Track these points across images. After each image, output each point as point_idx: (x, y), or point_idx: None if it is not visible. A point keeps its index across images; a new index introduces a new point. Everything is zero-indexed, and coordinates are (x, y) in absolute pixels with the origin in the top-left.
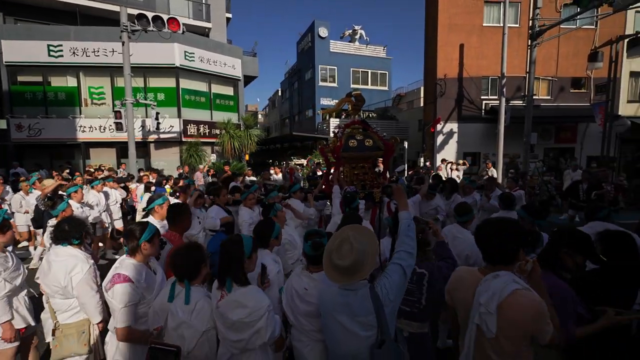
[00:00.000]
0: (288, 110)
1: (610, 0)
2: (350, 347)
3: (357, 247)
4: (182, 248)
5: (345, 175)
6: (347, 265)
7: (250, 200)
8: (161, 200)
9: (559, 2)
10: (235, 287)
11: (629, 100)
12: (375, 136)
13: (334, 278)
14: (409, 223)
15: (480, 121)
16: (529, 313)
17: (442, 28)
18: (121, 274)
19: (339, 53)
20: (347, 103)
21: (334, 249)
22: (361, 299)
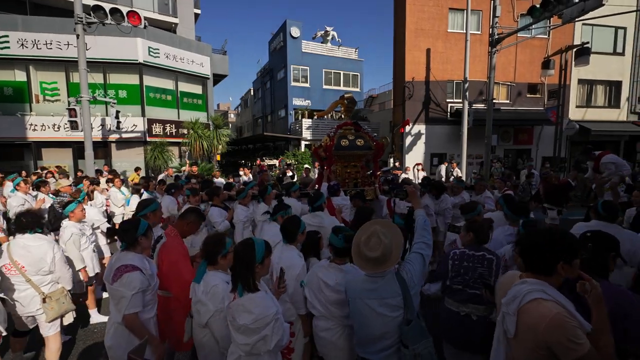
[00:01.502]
0: (261, 110)
1: (560, 12)
2: (379, 327)
3: (385, 240)
4: (210, 236)
5: (338, 173)
6: (376, 256)
7: (247, 198)
8: (154, 205)
9: (516, 12)
10: (245, 292)
11: (578, 105)
12: (366, 136)
13: (364, 267)
14: (424, 219)
15: (446, 123)
16: (543, 322)
17: (409, 32)
18: (128, 265)
19: (311, 53)
20: (339, 105)
21: (362, 242)
22: (389, 283)
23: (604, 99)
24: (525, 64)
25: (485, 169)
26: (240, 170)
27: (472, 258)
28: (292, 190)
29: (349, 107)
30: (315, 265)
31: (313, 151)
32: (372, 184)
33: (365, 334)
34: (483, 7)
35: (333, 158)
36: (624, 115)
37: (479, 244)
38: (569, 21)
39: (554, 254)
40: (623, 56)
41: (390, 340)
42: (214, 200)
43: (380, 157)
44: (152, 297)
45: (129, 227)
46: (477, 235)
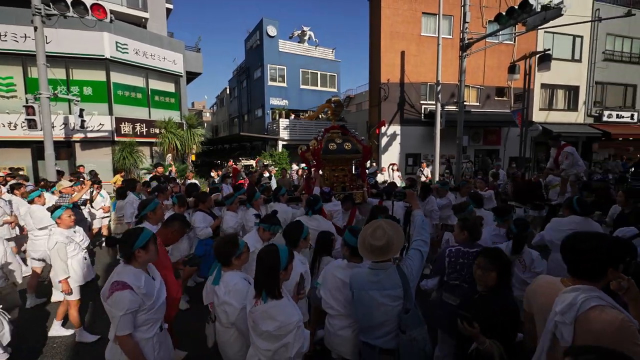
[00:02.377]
0: (237, 109)
1: (524, 20)
2: (381, 316)
3: (389, 232)
4: (223, 237)
5: (326, 177)
6: (380, 245)
7: (235, 204)
8: (153, 204)
9: (484, 19)
10: (269, 298)
11: (541, 108)
12: (353, 140)
13: (369, 256)
14: (423, 219)
15: (420, 124)
16: (609, 329)
17: (384, 35)
18: (119, 282)
19: (288, 53)
20: (327, 108)
21: (369, 234)
22: (390, 276)
23: (564, 102)
24: (494, 68)
25: (457, 169)
26: (212, 172)
27: (467, 255)
28: (280, 194)
29: (336, 110)
30: (331, 265)
31: (300, 155)
32: (361, 187)
33: (369, 322)
34: (454, 13)
35: (321, 162)
36: (582, 118)
37: (472, 241)
38: (532, 29)
39: (608, 260)
40: (580, 63)
41: (390, 327)
42: (199, 206)
43: (368, 161)
44: (151, 315)
45: (125, 239)
46: (470, 233)
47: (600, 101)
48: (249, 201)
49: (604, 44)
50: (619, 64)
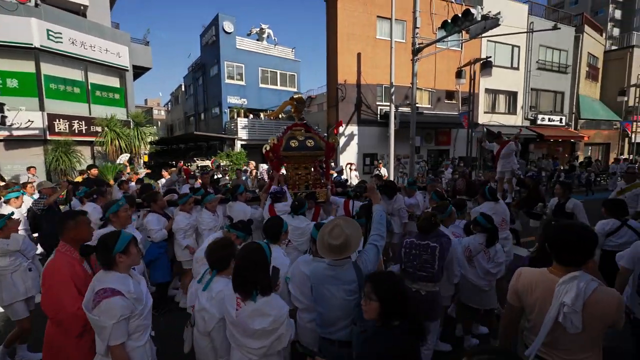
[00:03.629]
0: (193, 107)
1: (467, 28)
2: (338, 309)
3: (346, 231)
4: (219, 242)
5: (289, 176)
6: (338, 244)
7: (190, 204)
8: (115, 207)
9: (434, 26)
10: (259, 296)
11: (485, 111)
12: (316, 137)
13: (327, 254)
14: (381, 214)
15: (377, 125)
16: (614, 306)
17: (341, 36)
18: (107, 288)
19: (246, 51)
20: (289, 106)
21: (327, 232)
22: (347, 271)
23: (505, 106)
24: (444, 72)
25: (410, 168)
26: (163, 172)
27: (418, 247)
28: (239, 192)
29: (299, 107)
30: (298, 260)
31: (265, 154)
32: (324, 185)
33: (327, 316)
34: (407, 18)
35: (281, 159)
36: (520, 121)
37: (423, 234)
38: (475, 37)
39: (593, 249)
40: (518, 70)
41: (347, 321)
42: (151, 207)
43: (332, 158)
44: (142, 321)
45: (103, 245)
46: (421, 227)
47: (535, 106)
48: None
49: (538, 54)
50: (550, 73)
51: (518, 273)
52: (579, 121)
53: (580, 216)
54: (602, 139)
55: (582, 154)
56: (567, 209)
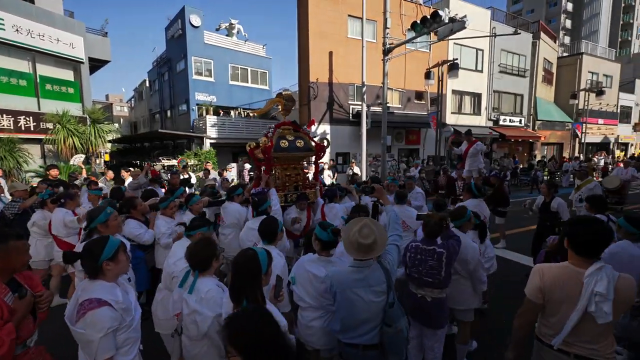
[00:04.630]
0: (158, 104)
1: (435, 30)
2: (366, 312)
3: (375, 230)
4: (199, 242)
5: (277, 176)
6: (369, 243)
7: (172, 208)
8: (103, 216)
9: (404, 27)
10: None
11: (452, 112)
12: (306, 137)
13: (354, 253)
14: (395, 214)
15: (349, 124)
16: (633, 290)
17: (312, 34)
18: (93, 299)
19: (215, 46)
20: (277, 103)
21: (357, 231)
22: (375, 272)
23: (471, 107)
24: (413, 73)
25: (382, 167)
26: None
27: (424, 252)
28: (235, 194)
29: (287, 105)
30: (302, 260)
31: (249, 152)
32: (314, 186)
33: (352, 320)
34: (377, 19)
35: (272, 161)
36: (484, 121)
37: (429, 238)
38: (443, 39)
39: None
40: (482, 73)
41: (375, 322)
42: (130, 213)
43: (321, 159)
44: (131, 334)
45: (88, 252)
46: (430, 232)
47: (498, 107)
48: (187, 204)
49: (499, 58)
50: (511, 76)
51: (539, 271)
52: (536, 122)
53: (563, 215)
54: (556, 139)
55: (539, 153)
56: (552, 207)
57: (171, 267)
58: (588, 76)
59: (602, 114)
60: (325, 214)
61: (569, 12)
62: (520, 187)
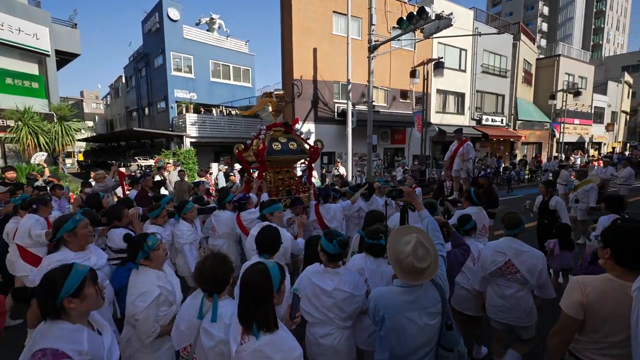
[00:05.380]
0: (135, 101)
1: (421, 27)
2: (421, 338)
3: (430, 248)
4: (209, 259)
5: (269, 180)
6: (426, 266)
7: (163, 217)
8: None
9: (389, 25)
10: (262, 332)
11: (437, 111)
12: (299, 139)
13: (406, 277)
14: (433, 220)
15: (334, 123)
16: None
17: (296, 30)
18: (47, 350)
19: (195, 41)
20: (268, 103)
21: (410, 252)
22: (428, 292)
23: (454, 106)
24: (398, 71)
25: (368, 167)
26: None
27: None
28: (227, 201)
29: (279, 105)
30: (308, 271)
31: (237, 155)
32: (307, 190)
33: (405, 347)
34: (362, 15)
35: (265, 164)
36: (467, 121)
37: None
38: (429, 36)
39: None
40: (465, 73)
41: (429, 347)
42: (113, 225)
43: (315, 162)
44: None
45: (42, 288)
46: None
47: (480, 107)
48: (179, 212)
49: (482, 58)
50: (493, 76)
51: (581, 285)
52: (517, 122)
53: (562, 213)
54: (535, 138)
55: (519, 153)
56: (550, 206)
57: (131, 308)
58: (565, 77)
59: (578, 115)
60: (322, 215)
61: (545, 15)
62: (503, 186)
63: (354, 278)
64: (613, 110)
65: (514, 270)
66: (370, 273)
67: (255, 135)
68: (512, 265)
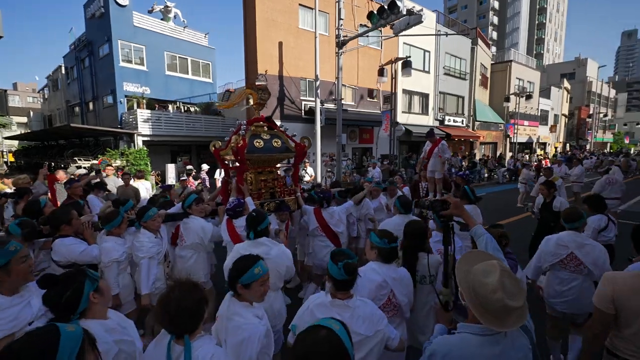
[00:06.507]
0: (78, 95)
1: (392, 22)
2: None
3: (519, 279)
4: (175, 290)
5: (250, 181)
6: (521, 304)
7: (123, 226)
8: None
9: (356, 22)
10: None
11: (403, 111)
12: (283, 135)
13: (496, 324)
14: (492, 239)
15: (301, 121)
16: None
17: (260, 22)
18: None
19: (147, 30)
20: (249, 95)
21: (499, 286)
22: (515, 339)
23: (419, 107)
24: (365, 70)
25: (337, 167)
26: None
27: None
28: (187, 205)
29: (261, 98)
30: (311, 302)
31: (214, 153)
32: (294, 192)
33: None
34: (330, 11)
35: (246, 164)
36: (431, 121)
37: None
38: (398, 33)
39: None
40: (429, 74)
41: None
42: (61, 231)
43: (302, 161)
44: None
45: None
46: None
47: (443, 108)
48: (140, 220)
49: (444, 61)
50: (454, 78)
51: (612, 280)
52: (476, 123)
53: None
54: (491, 139)
55: (478, 152)
56: (555, 207)
57: None
58: (516, 82)
59: (527, 117)
60: (326, 220)
61: (495, 25)
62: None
63: (370, 311)
64: (555, 113)
65: (577, 262)
66: (393, 282)
67: (234, 131)
68: (576, 257)
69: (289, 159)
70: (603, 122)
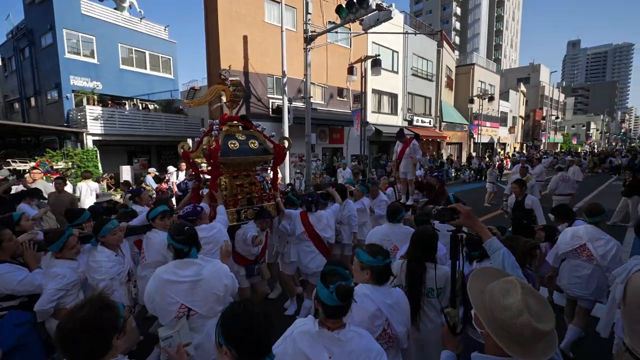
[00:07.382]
0: (18, 89)
1: (361, 17)
2: None
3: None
4: (79, 310)
5: (225, 186)
6: (550, 328)
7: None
8: None
9: (325, 18)
10: None
11: (373, 111)
12: (260, 136)
13: (528, 353)
14: (509, 253)
15: (268, 120)
16: None
17: (222, 15)
18: None
19: (98, 19)
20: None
21: (523, 308)
22: None
23: (388, 107)
24: (335, 68)
25: (307, 168)
26: None
27: None
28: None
29: (236, 94)
30: (296, 330)
31: (183, 155)
32: (273, 197)
33: None
34: (297, 5)
35: (219, 168)
36: (400, 122)
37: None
38: (368, 29)
39: None
40: (397, 74)
41: None
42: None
43: (281, 164)
44: None
45: None
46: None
47: (411, 108)
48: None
49: (412, 62)
50: (421, 79)
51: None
52: (442, 123)
53: (537, 212)
54: (457, 139)
55: (445, 152)
56: (526, 205)
57: None
58: (478, 84)
59: (489, 118)
60: (313, 226)
61: (457, 30)
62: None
63: (366, 346)
64: (514, 115)
65: (588, 253)
66: (389, 310)
67: (206, 131)
68: (587, 249)
69: (266, 161)
70: (554, 124)
